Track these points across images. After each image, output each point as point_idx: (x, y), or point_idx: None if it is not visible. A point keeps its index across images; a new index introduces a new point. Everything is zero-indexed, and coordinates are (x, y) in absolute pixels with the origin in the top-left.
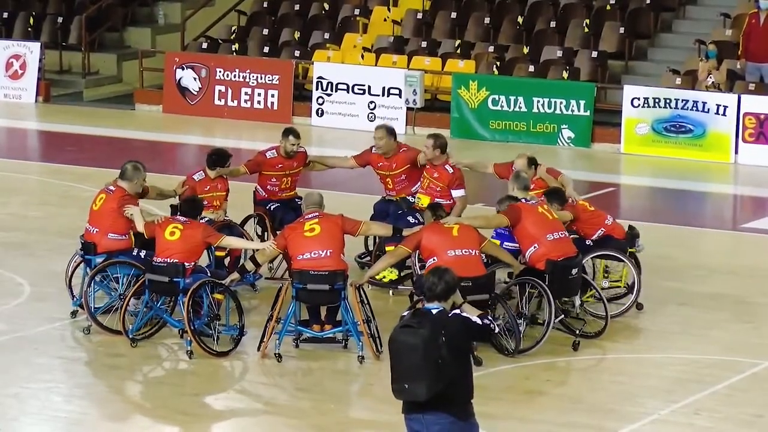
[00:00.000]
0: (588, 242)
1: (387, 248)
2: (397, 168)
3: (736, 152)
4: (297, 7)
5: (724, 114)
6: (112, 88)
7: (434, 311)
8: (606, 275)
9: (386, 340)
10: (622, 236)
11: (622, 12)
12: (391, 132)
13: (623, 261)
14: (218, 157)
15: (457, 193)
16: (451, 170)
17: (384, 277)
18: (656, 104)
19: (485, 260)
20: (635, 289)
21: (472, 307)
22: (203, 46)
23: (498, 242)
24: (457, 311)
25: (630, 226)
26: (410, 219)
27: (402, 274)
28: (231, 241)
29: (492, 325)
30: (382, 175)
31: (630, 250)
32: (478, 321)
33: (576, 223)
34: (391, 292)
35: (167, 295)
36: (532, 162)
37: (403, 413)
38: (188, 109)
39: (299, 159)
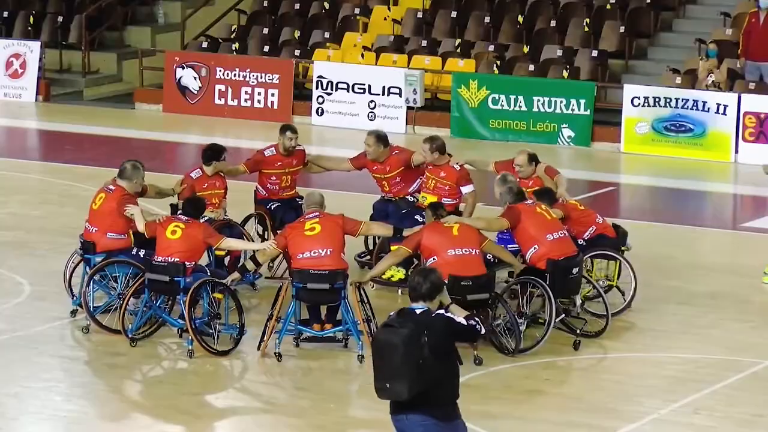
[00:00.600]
0: (580, 241)
1: (392, 248)
2: (392, 171)
3: (737, 151)
4: (297, 6)
5: (724, 113)
6: (112, 87)
7: (418, 311)
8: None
9: None
10: (614, 235)
11: (622, 11)
12: (380, 139)
13: (619, 259)
14: (213, 152)
15: (466, 189)
16: (458, 167)
17: (392, 276)
18: (656, 103)
19: (492, 260)
20: (632, 288)
21: (459, 308)
22: (203, 46)
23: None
24: (442, 311)
25: (615, 225)
26: (417, 218)
27: (410, 273)
28: (231, 243)
29: (478, 326)
30: (377, 178)
31: (622, 248)
32: (463, 322)
33: (567, 222)
34: (400, 291)
35: (167, 294)
36: (533, 158)
37: (390, 414)
38: (188, 108)
39: (298, 157)
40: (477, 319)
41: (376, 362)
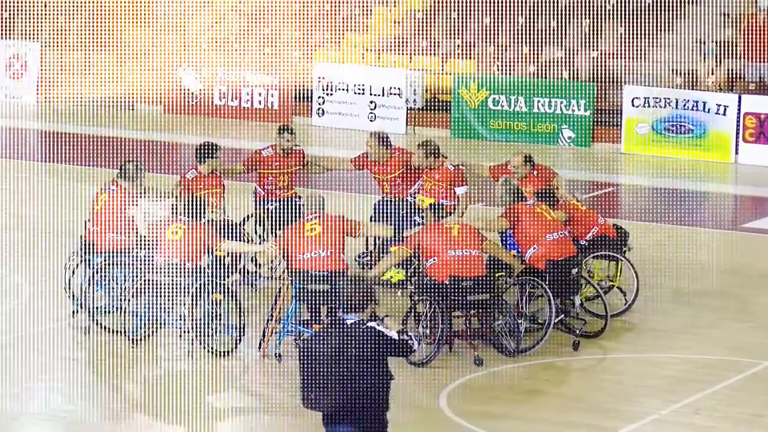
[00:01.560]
0: (582, 242)
1: (392, 249)
2: (392, 172)
3: (737, 152)
4: (298, 6)
5: (724, 114)
6: (112, 87)
7: (349, 322)
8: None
9: None
10: (615, 235)
11: (622, 12)
12: (382, 140)
13: (620, 259)
14: (206, 150)
15: (460, 190)
16: (452, 168)
17: (392, 277)
18: (656, 104)
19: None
20: (634, 288)
21: (394, 321)
22: (204, 46)
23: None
24: (374, 324)
25: (616, 225)
26: (417, 219)
27: (409, 274)
28: (231, 245)
29: (410, 342)
30: (378, 179)
31: (623, 248)
32: (395, 336)
33: (568, 223)
34: (400, 292)
35: (169, 295)
36: (528, 159)
37: (323, 425)
38: (189, 108)
39: (296, 157)
40: (410, 334)
41: (302, 372)
